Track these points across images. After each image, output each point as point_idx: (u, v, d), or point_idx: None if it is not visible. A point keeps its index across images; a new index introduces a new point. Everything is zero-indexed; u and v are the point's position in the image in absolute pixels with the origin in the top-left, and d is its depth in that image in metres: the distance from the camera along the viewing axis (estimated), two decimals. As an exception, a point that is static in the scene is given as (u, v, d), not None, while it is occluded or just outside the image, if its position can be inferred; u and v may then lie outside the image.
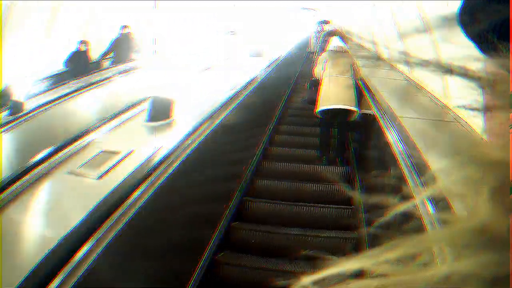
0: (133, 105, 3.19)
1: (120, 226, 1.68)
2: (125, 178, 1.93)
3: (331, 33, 5.35)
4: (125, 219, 1.73)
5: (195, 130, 2.73)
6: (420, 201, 0.26)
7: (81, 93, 4.71)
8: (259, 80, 5.06)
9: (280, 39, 10.05)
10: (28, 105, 4.05)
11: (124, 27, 7.23)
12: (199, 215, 2.92)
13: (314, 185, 3.96)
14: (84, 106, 4.51)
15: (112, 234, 1.62)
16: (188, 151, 2.51)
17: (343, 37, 5.19)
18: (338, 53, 4.89)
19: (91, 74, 5.75)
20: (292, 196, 3.80)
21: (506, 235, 0.20)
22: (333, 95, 4.58)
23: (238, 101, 3.89)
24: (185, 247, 2.62)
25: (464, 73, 0.24)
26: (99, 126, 2.72)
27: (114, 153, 2.22)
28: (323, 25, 11.77)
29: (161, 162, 2.19)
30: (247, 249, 3.12)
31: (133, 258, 1.88)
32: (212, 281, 2.78)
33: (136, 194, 1.87)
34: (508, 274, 0.20)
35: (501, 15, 0.25)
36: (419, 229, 0.27)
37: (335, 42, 5.04)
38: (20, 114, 3.86)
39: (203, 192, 3.03)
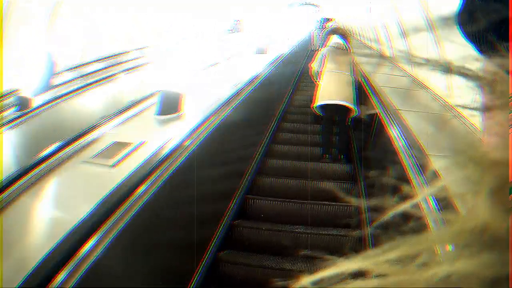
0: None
1: (125, 220, 1.69)
2: (129, 174, 1.95)
3: (333, 31, 5.32)
4: (131, 213, 1.74)
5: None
6: (422, 200, 0.26)
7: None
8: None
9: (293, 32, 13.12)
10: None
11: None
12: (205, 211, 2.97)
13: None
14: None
15: (117, 229, 1.63)
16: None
17: (345, 35, 5.18)
18: (338, 50, 4.87)
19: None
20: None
21: (506, 235, 0.20)
22: (331, 90, 4.56)
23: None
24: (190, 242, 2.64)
25: (464, 73, 0.24)
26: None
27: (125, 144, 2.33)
28: (325, 22, 11.77)
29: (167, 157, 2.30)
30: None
31: (137, 254, 1.88)
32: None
33: (140, 190, 1.87)
34: (508, 275, 0.20)
35: (500, 14, 0.25)
36: (420, 228, 0.27)
37: (335, 40, 5.02)
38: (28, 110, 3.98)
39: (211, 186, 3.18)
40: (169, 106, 2.91)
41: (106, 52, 6.64)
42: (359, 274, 0.24)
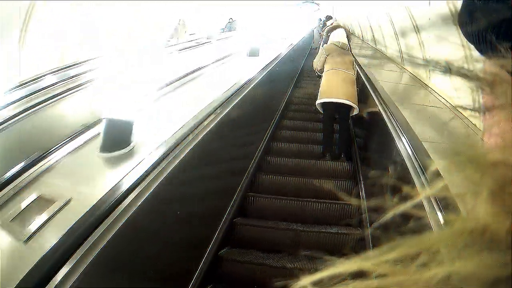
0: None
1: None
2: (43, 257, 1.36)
3: (334, 29, 5.33)
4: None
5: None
6: (423, 200, 0.26)
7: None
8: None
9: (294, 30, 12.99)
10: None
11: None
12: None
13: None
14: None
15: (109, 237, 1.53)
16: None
17: (346, 34, 5.18)
18: (340, 48, 4.88)
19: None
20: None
21: (506, 236, 0.20)
22: (332, 89, 4.57)
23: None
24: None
25: (464, 73, 0.24)
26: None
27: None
28: (325, 21, 11.78)
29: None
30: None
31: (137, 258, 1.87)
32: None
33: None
34: (509, 275, 0.20)
35: (501, 15, 0.24)
36: (420, 228, 0.27)
37: (337, 37, 5.02)
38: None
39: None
40: (117, 140, 2.20)
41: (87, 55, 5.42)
42: (359, 275, 0.24)
